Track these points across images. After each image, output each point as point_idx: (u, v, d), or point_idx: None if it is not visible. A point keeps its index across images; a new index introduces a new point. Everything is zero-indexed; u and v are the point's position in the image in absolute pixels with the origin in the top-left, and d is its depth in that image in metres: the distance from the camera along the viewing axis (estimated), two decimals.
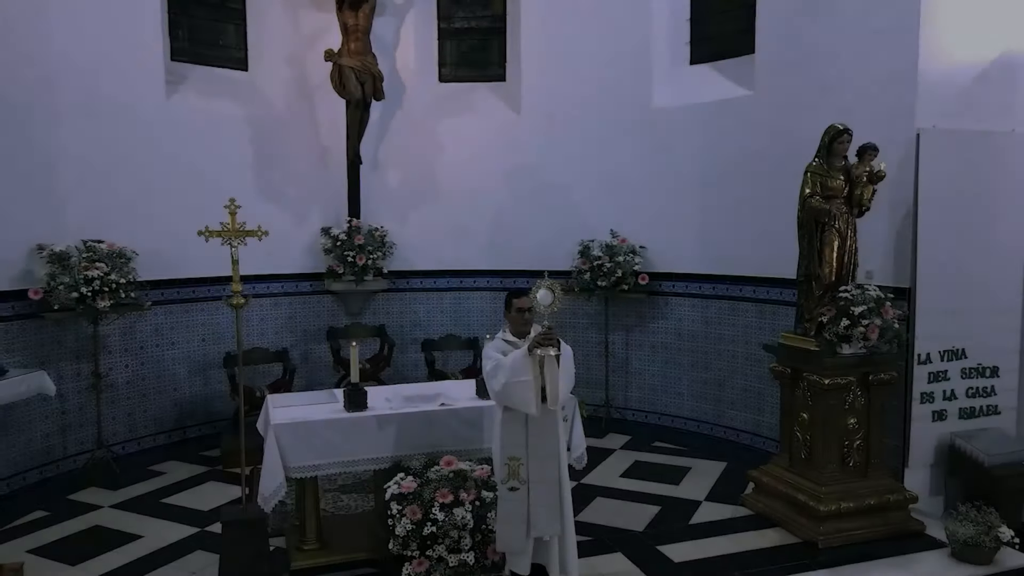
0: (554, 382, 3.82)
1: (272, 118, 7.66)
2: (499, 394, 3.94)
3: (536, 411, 3.86)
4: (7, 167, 5.78)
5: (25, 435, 5.98)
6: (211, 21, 7.62)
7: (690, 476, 6.11)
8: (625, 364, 7.81)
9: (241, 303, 4.50)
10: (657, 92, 7.46)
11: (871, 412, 4.99)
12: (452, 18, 8.45)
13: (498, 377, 3.91)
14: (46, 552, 4.76)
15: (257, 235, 4.64)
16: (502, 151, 8.05)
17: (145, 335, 6.88)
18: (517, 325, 4.21)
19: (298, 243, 7.82)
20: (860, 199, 4.94)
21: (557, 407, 4.06)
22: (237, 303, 4.48)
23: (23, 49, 5.89)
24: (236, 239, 4.52)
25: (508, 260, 8.15)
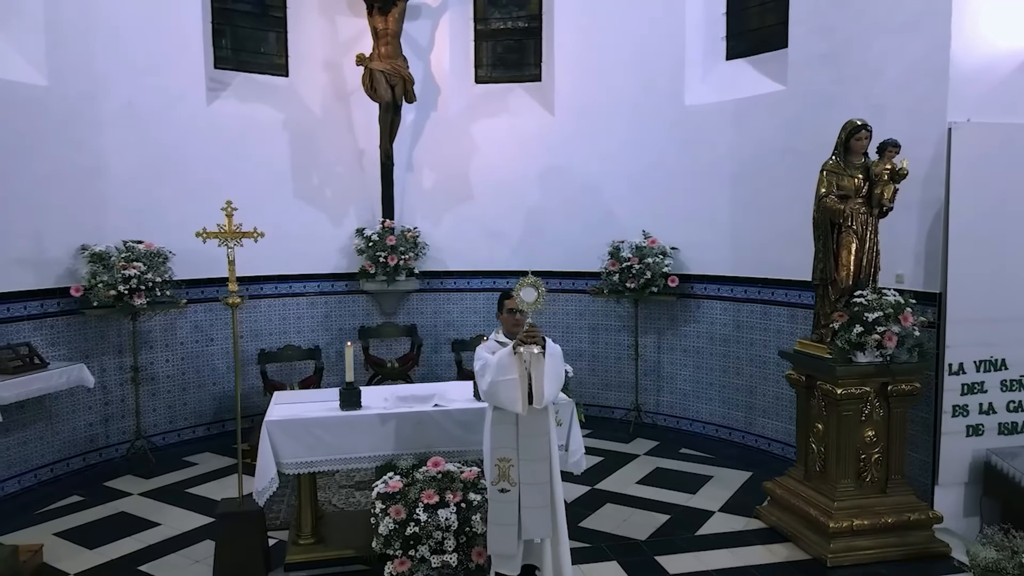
0: (539, 381, 3.76)
1: (310, 122, 7.88)
2: (487, 393, 3.92)
3: (523, 410, 3.82)
4: (56, 172, 6.16)
5: (70, 424, 6.35)
6: (253, 30, 7.90)
7: (709, 485, 5.91)
8: (657, 368, 7.64)
9: (236, 302, 4.63)
10: (689, 89, 7.27)
11: (891, 424, 4.70)
12: (488, 19, 8.47)
13: (485, 376, 3.89)
14: (70, 535, 5.04)
15: (253, 236, 4.76)
16: (536, 152, 8.02)
17: (185, 332, 7.19)
18: (508, 326, 4.18)
19: (335, 243, 8.01)
20: (880, 198, 4.65)
21: (548, 408, 4.00)
22: (233, 302, 4.61)
23: (71, 62, 6.27)
24: (232, 240, 4.60)
25: (541, 261, 8.08)
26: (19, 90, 5.90)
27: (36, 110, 6.01)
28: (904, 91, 5.29)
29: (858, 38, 5.69)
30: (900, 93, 5.32)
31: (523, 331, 3.80)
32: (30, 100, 5.97)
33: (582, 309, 8.00)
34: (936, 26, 5.00)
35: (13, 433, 5.86)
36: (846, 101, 5.74)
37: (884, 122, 5.32)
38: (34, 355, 5.82)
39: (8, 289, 5.85)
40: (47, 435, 6.16)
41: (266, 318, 7.73)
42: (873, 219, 4.73)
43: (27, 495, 5.82)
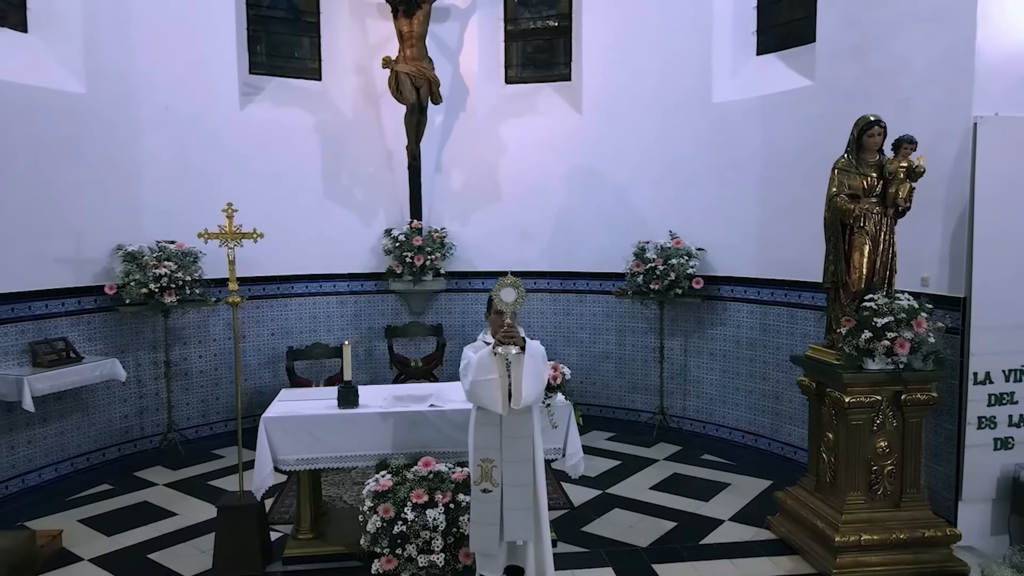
0: (518, 381, 3.73)
1: (340, 124, 8.03)
2: (468, 393, 3.91)
3: (503, 410, 3.80)
4: (94, 176, 6.46)
5: (105, 416, 6.65)
6: (287, 35, 8.11)
7: (725, 493, 5.75)
8: (683, 371, 7.48)
9: (237, 301, 4.74)
10: (717, 87, 7.10)
11: (906, 435, 4.47)
12: (519, 19, 8.46)
13: (467, 376, 3.89)
14: (93, 522, 5.29)
15: (253, 237, 4.86)
16: (564, 152, 7.97)
17: (218, 329, 7.44)
18: (495, 327, 4.16)
19: (365, 243, 8.14)
20: (895, 197, 4.43)
21: (533, 410, 3.97)
22: (234, 301, 4.73)
23: (110, 70, 6.56)
24: (232, 241, 4.73)
25: (568, 262, 8.06)
26: (59, 98, 6.21)
27: (75, 117, 6.31)
28: (930, 85, 5.03)
29: (884, 30, 5.44)
30: (926, 87, 5.06)
31: (502, 331, 3.77)
32: (69, 107, 6.27)
33: (609, 311, 7.90)
34: (961, 16, 4.73)
35: (51, 423, 6.17)
36: (873, 95, 5.50)
37: (910, 117, 5.10)
38: (70, 349, 6.12)
39: (48, 287, 6.16)
40: (83, 426, 6.47)
41: (297, 316, 7.92)
42: (888, 219, 4.51)
43: (63, 482, 6.12)
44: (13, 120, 5.85)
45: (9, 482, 5.83)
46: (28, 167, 5.96)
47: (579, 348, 8.11)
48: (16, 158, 5.87)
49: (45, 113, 6.10)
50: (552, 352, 8.01)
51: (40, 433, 6.09)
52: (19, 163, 5.90)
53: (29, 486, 5.97)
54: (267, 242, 7.56)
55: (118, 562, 4.66)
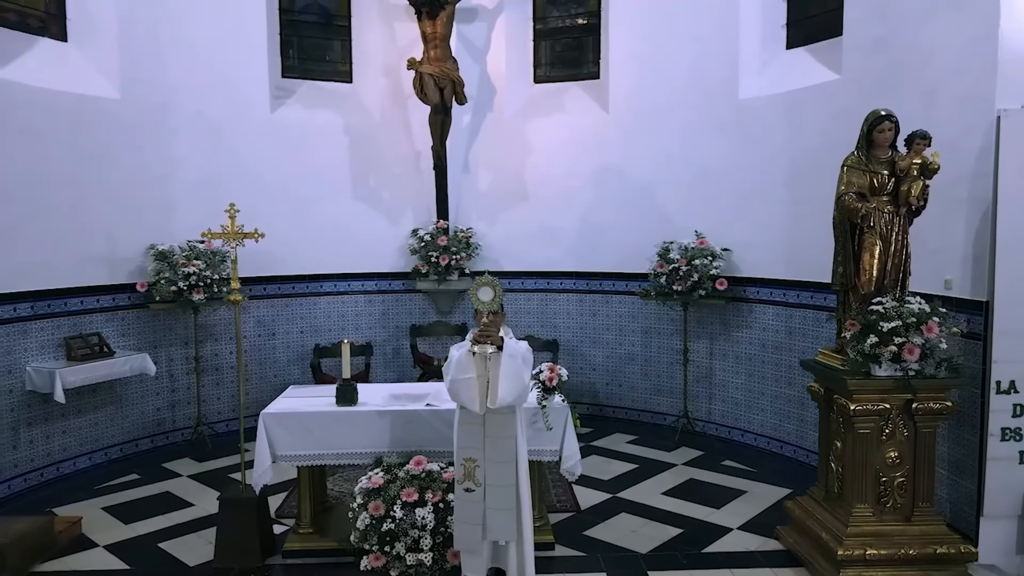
0: (495, 380, 3.72)
1: (369, 125, 8.15)
2: (449, 391, 3.93)
3: (480, 409, 3.80)
4: (130, 178, 6.73)
5: (139, 408, 6.93)
6: (319, 39, 8.28)
7: (739, 501, 5.59)
8: (708, 375, 7.31)
9: (238, 299, 4.85)
10: (744, 83, 6.90)
11: (918, 446, 4.25)
12: (547, 18, 8.42)
13: (448, 374, 3.90)
14: (115, 510, 5.51)
15: (254, 237, 4.97)
16: (591, 151, 7.90)
17: (248, 326, 7.65)
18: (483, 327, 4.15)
19: (393, 243, 8.23)
20: (907, 196, 4.22)
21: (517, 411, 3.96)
22: (235, 299, 4.84)
23: (143, 77, 6.83)
24: (234, 240, 4.85)
25: (594, 262, 7.99)
26: (95, 103, 6.49)
27: (110, 121, 6.59)
28: (954, 76, 4.77)
29: (910, 20, 5.19)
30: (950, 79, 4.80)
31: (478, 330, 3.77)
32: (105, 112, 6.55)
33: (635, 312, 7.78)
34: (984, 3, 4.46)
35: (85, 414, 6.46)
36: (898, 88, 5.26)
37: (934, 110, 4.87)
38: (103, 344, 6.40)
39: (84, 284, 6.45)
40: (117, 418, 6.75)
41: (325, 314, 8.08)
42: (901, 219, 4.30)
43: (95, 471, 6.40)
44: (52, 125, 6.15)
45: (45, 469, 6.13)
46: (66, 170, 6.26)
47: (605, 349, 8.02)
48: (55, 161, 6.17)
49: (82, 119, 6.38)
50: (578, 353, 8.06)
51: (75, 423, 6.39)
52: (58, 166, 6.19)
53: (64, 474, 6.26)
54: (297, 242, 7.84)
55: (129, 549, 4.84)
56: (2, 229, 5.75)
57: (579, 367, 8.15)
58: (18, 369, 5.90)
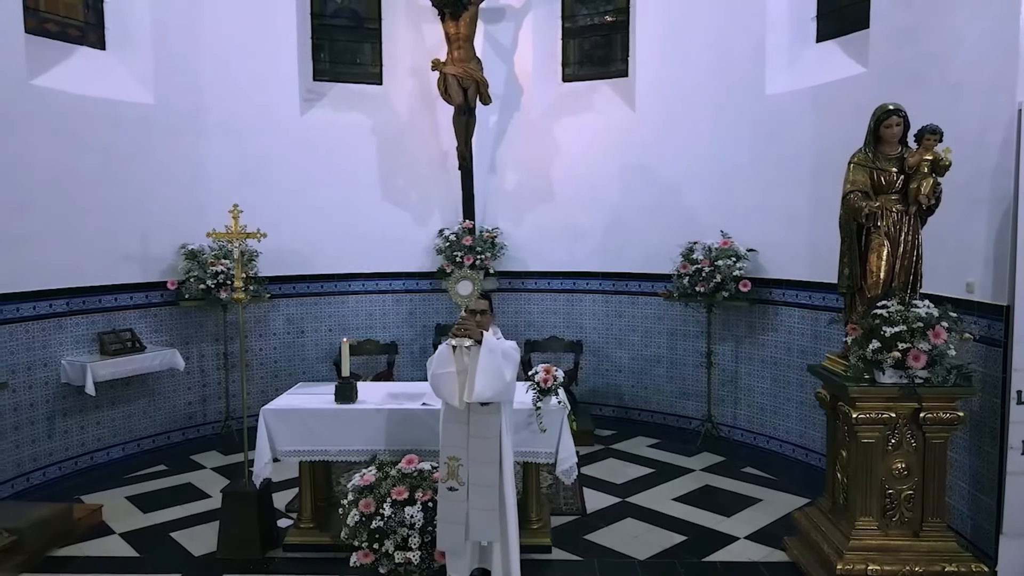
0: (472, 375, 3.72)
1: (398, 127, 8.25)
2: (432, 386, 3.96)
3: (459, 404, 3.81)
4: (161, 180, 6.99)
5: (171, 402, 7.19)
6: (350, 42, 8.42)
7: (752, 509, 5.42)
8: (734, 378, 7.11)
9: (242, 297, 4.97)
10: (771, 78, 6.70)
11: (927, 457, 4.04)
12: (576, 16, 8.35)
13: (430, 369, 3.92)
14: (137, 499, 5.73)
15: (256, 236, 5.09)
16: (617, 150, 7.81)
17: (278, 323, 7.85)
18: None
19: (420, 243, 8.29)
20: (916, 194, 4.01)
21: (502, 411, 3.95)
22: (239, 297, 4.96)
23: (177, 82, 7.08)
24: (238, 240, 4.97)
25: (620, 262, 7.89)
26: (130, 109, 6.76)
27: (144, 126, 6.85)
28: (976, 67, 4.52)
29: (937, 7, 4.93)
30: (973, 70, 4.55)
31: (456, 324, 3.78)
32: (139, 117, 6.82)
33: (661, 313, 7.65)
34: None
35: (120, 406, 6.75)
36: (924, 80, 5.02)
37: (959, 104, 4.65)
38: (135, 340, 6.67)
39: (118, 281, 6.73)
40: (150, 410, 7.02)
41: (354, 313, 8.21)
42: (910, 218, 4.09)
43: (127, 461, 6.67)
44: (89, 130, 6.43)
45: (79, 458, 6.43)
46: (102, 172, 6.53)
47: (630, 351, 7.90)
48: (92, 164, 6.45)
49: (118, 123, 6.65)
50: (603, 355, 7.97)
51: (109, 415, 6.67)
52: (94, 169, 6.47)
53: (97, 463, 6.55)
54: (326, 241, 7.98)
55: (142, 537, 5.03)
56: (40, 229, 6.04)
57: (604, 369, 8.06)
58: (53, 362, 6.20)
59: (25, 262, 5.94)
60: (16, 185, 5.86)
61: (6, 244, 5.76)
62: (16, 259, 5.86)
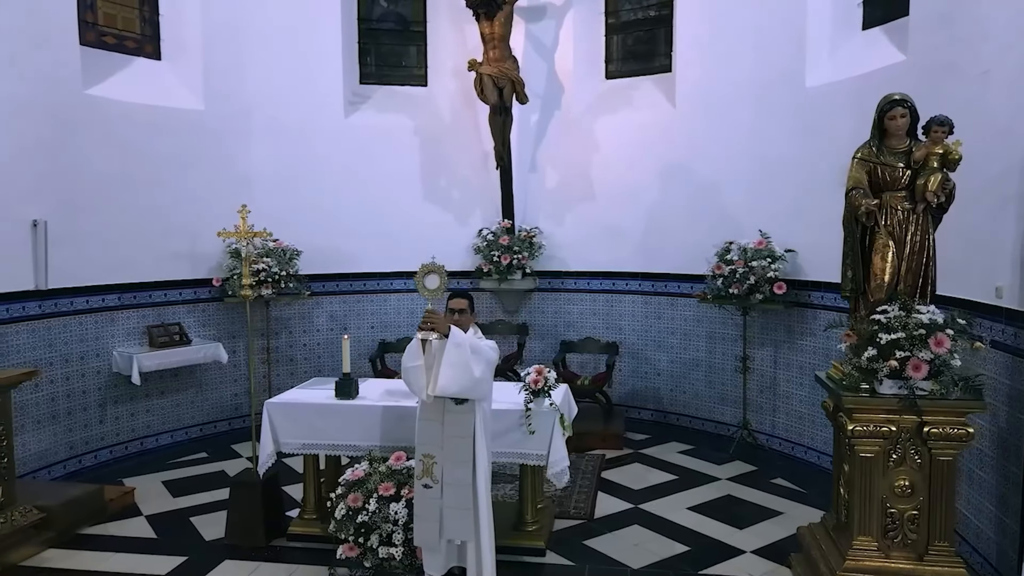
0: (436, 368, 3.74)
1: (440, 127, 8.35)
2: (404, 380, 4.02)
3: (427, 398, 3.84)
4: (210, 181, 7.35)
5: (218, 393, 7.56)
6: (396, 45, 8.59)
7: (769, 522, 5.17)
8: (773, 385, 6.80)
9: (248, 295, 5.15)
10: (811, 69, 6.37)
11: (933, 475, 3.73)
12: (619, 11, 8.20)
13: (402, 363, 3.98)
14: (171, 484, 6.06)
15: (263, 236, 5.29)
16: (657, 147, 7.63)
17: (321, 320, 8.11)
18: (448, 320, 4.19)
19: (461, 243, 8.36)
20: (923, 190, 3.72)
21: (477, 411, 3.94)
22: (245, 294, 5.15)
23: (225, 89, 7.44)
24: (246, 239, 5.16)
25: (660, 262, 7.70)
26: (182, 115, 7.16)
27: (195, 130, 7.23)
28: (1007, 51, 4.13)
29: None
30: (1003, 54, 4.17)
31: (423, 318, 3.81)
32: (190, 122, 7.20)
33: (700, 316, 7.41)
34: None
35: (168, 396, 7.15)
36: (958, 68, 4.68)
37: (989, 92, 4.30)
38: (183, 333, 7.05)
39: (168, 278, 7.14)
40: (197, 401, 7.41)
41: (395, 311, 8.37)
42: (918, 217, 3.79)
43: (173, 448, 7.06)
44: (143, 136, 6.85)
45: (129, 443, 6.86)
46: (154, 175, 6.94)
47: (669, 354, 7.69)
48: (145, 168, 6.86)
49: (170, 129, 7.05)
50: (642, 357, 7.80)
51: (158, 404, 7.09)
52: (147, 172, 6.88)
53: (146, 448, 6.96)
54: (369, 240, 8.18)
55: (164, 520, 5.32)
56: (94, 228, 6.48)
57: (643, 371, 7.88)
58: (106, 353, 6.64)
59: (80, 259, 6.38)
60: (72, 188, 6.30)
61: (63, 242, 6.20)
62: (72, 256, 6.29)
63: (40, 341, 6.10)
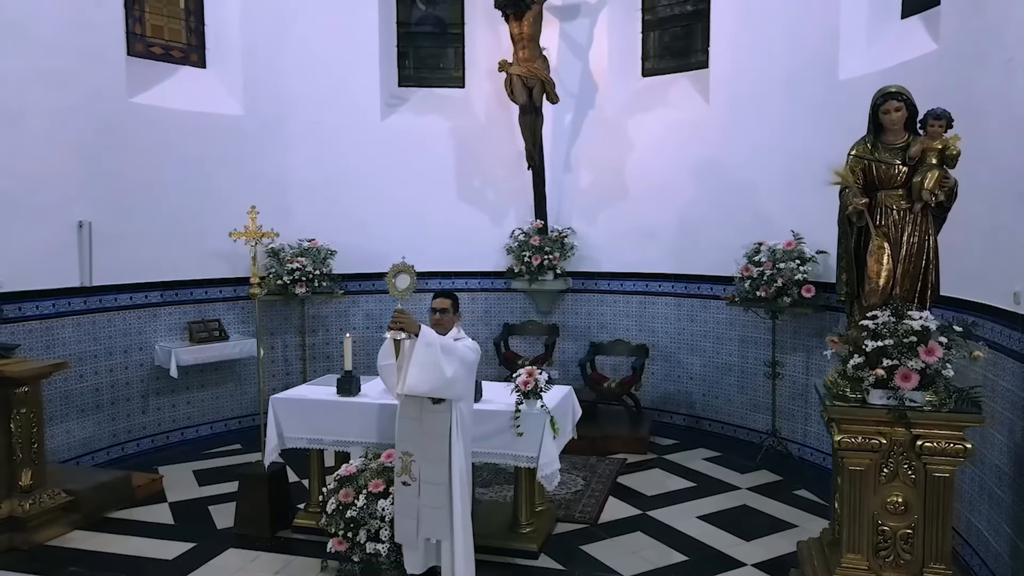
0: (405, 366, 3.78)
1: (475, 128, 8.40)
2: (380, 378, 4.09)
3: (395, 396, 3.97)
4: (250, 183, 7.60)
5: (256, 388, 7.83)
6: (433, 48, 8.70)
7: (779, 535, 4.96)
8: (804, 391, 6.52)
9: (256, 293, 5.32)
10: (845, 61, 6.08)
11: (929, 492, 3.49)
12: (656, 7, 8.04)
13: (377, 362, 4.06)
14: (200, 473, 6.34)
15: (270, 236, 5.43)
16: (691, 145, 7.45)
17: (357, 319, 8.30)
18: (431, 324, 4.24)
19: (495, 242, 8.37)
20: (919, 188, 3.49)
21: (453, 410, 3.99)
22: (254, 293, 5.31)
23: (265, 94, 7.72)
24: (254, 239, 5.32)
25: (693, 264, 7.51)
26: (223, 120, 7.47)
27: (235, 134, 7.53)
28: None
29: None
30: None
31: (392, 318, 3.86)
32: (231, 127, 7.51)
33: (732, 319, 7.18)
34: None
35: (208, 389, 7.49)
36: (985, 57, 4.39)
37: (1014, 81, 3.99)
38: (221, 329, 7.36)
39: (209, 276, 7.46)
40: (236, 394, 7.72)
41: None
42: (916, 217, 3.56)
43: (211, 439, 7.38)
44: (187, 141, 7.19)
45: (170, 433, 7.21)
46: (195, 178, 7.27)
47: (702, 358, 7.49)
48: (188, 171, 7.20)
49: (211, 133, 7.38)
50: (675, 360, 7.63)
51: (198, 396, 7.42)
52: (188, 175, 7.22)
53: (186, 439, 7.30)
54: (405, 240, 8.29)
55: (184, 508, 5.57)
56: (138, 229, 6.84)
57: (676, 375, 7.70)
58: (148, 346, 7.00)
59: (124, 258, 6.74)
60: (116, 190, 6.67)
61: (108, 242, 6.58)
62: (117, 255, 6.67)
63: (85, 335, 6.49)
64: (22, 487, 4.91)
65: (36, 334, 6.09)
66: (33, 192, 6.03)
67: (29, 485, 4.93)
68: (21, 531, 4.82)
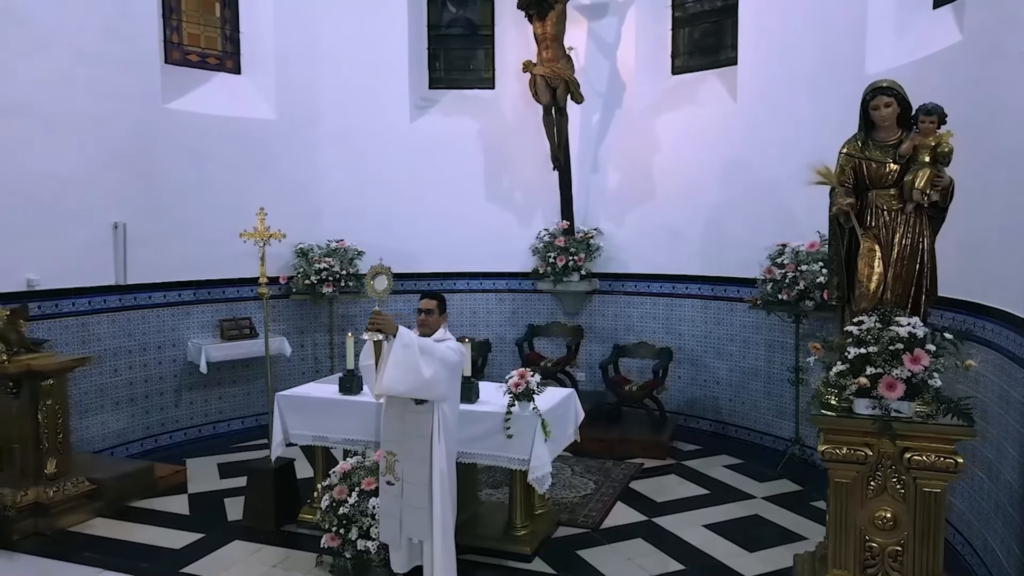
0: (381, 367, 3.82)
1: (504, 129, 8.41)
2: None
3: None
4: (281, 186, 7.83)
5: (286, 384, 7.88)
6: (464, 50, 8.75)
7: (785, 547, 4.77)
8: None
9: (264, 292, 5.44)
10: (872, 54, 5.84)
11: (919, 508, 3.31)
12: (685, 4, 7.88)
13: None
14: (222, 466, 6.55)
15: (278, 237, 5.53)
16: (718, 144, 7.29)
17: None
18: (417, 325, 4.27)
19: (523, 243, 8.36)
20: (910, 187, 3.32)
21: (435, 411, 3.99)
22: (262, 292, 5.44)
23: (295, 99, 7.91)
24: (263, 240, 5.45)
25: (720, 265, 7.34)
26: (256, 124, 7.70)
27: (267, 138, 7.75)
28: None
29: None
30: None
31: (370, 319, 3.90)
32: (263, 131, 7.74)
33: (759, 322, 6.97)
34: None
35: (240, 385, 7.73)
36: (1004, 48, 4.13)
37: None
38: (251, 327, 7.58)
39: (242, 275, 7.69)
40: (266, 390, 7.90)
41: (458, 311, 8.52)
42: (910, 218, 3.38)
43: (241, 433, 7.61)
44: (221, 145, 7.44)
45: (202, 427, 7.47)
46: (229, 181, 7.51)
47: (729, 362, 7.30)
48: (218, 174, 7.45)
49: (246, 137, 7.61)
50: (701, 364, 7.48)
51: (230, 391, 7.67)
52: (220, 178, 7.46)
53: (218, 432, 7.56)
54: (433, 241, 8.44)
55: (201, 499, 5.76)
56: (172, 229, 7.12)
57: (702, 379, 7.54)
58: (181, 343, 7.28)
59: (159, 257, 7.03)
60: (150, 193, 6.96)
61: (143, 242, 6.86)
62: (151, 255, 6.95)
63: (120, 331, 6.80)
64: (47, 475, 5.17)
65: (72, 330, 6.40)
66: (71, 195, 6.34)
67: (54, 473, 5.19)
68: (45, 516, 5.08)
